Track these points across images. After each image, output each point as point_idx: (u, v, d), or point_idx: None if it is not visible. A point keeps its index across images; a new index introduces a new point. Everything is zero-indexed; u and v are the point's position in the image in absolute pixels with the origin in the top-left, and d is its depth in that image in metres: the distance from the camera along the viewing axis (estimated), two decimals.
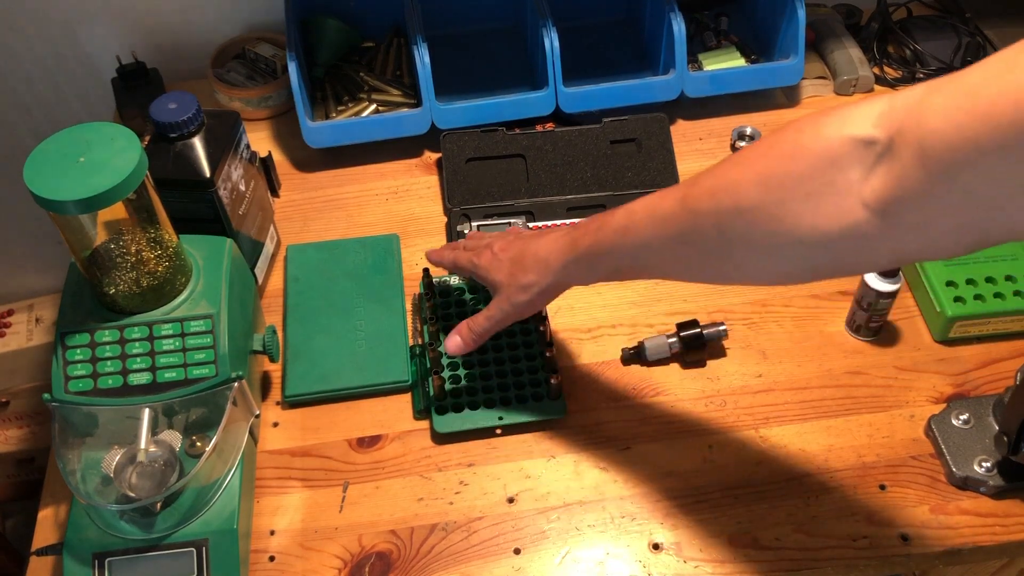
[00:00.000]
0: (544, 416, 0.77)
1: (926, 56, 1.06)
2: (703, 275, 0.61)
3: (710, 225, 0.53)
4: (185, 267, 0.71)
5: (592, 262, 0.64)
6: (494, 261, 0.72)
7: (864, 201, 0.46)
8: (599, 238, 0.62)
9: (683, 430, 0.77)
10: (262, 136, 1.04)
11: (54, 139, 0.63)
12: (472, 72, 1.07)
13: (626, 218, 0.60)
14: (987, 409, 0.75)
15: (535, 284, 0.68)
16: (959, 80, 0.42)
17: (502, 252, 0.71)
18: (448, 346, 0.75)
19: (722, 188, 0.52)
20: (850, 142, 0.46)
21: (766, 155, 0.51)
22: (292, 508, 0.74)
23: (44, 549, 0.70)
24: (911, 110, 0.44)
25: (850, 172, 0.46)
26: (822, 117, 0.49)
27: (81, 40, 1.09)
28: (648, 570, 0.70)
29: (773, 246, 0.51)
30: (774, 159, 0.50)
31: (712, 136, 1.02)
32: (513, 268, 0.70)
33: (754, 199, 0.50)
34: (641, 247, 0.59)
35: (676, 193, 0.56)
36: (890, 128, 0.45)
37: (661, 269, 0.62)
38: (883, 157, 0.45)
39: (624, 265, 0.62)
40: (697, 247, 0.55)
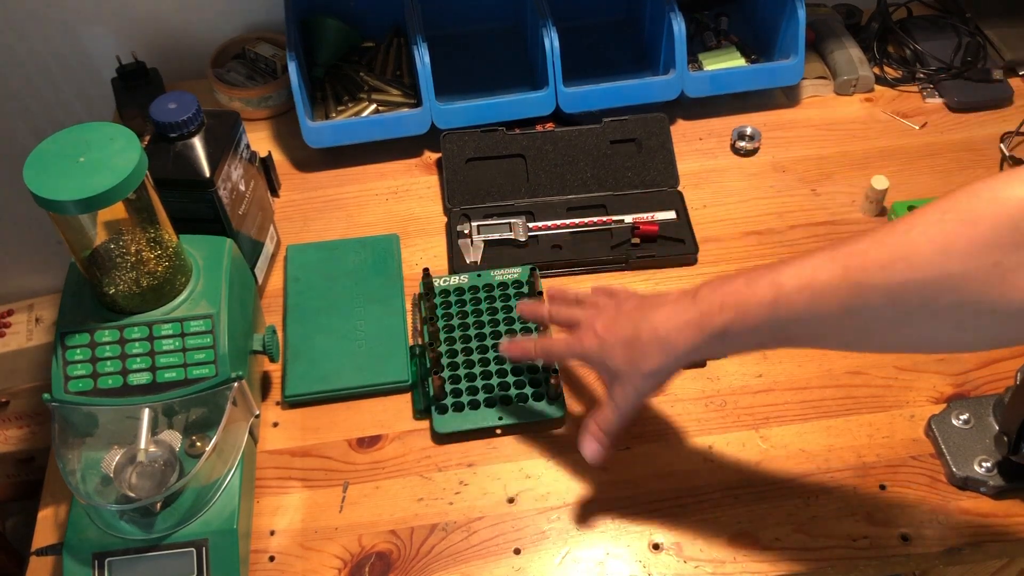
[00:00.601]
0: (544, 416, 0.77)
1: (926, 56, 1.06)
2: (872, 346, 0.57)
3: (880, 298, 0.50)
4: (185, 267, 0.71)
5: (729, 340, 0.58)
6: (604, 346, 0.64)
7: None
8: (740, 315, 0.57)
9: (683, 430, 0.77)
10: (262, 136, 1.04)
11: (54, 139, 0.63)
12: (472, 72, 1.07)
13: (773, 291, 0.55)
14: (987, 409, 0.75)
15: (662, 370, 0.62)
16: None
17: (608, 333, 0.64)
18: (586, 455, 0.67)
19: (894, 258, 0.49)
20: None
21: (942, 221, 0.48)
22: (292, 508, 0.74)
23: (44, 549, 0.70)
24: None
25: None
26: (1000, 179, 0.47)
27: (81, 40, 1.09)
28: (648, 570, 0.70)
29: (960, 317, 0.48)
30: (952, 225, 0.47)
31: (712, 136, 1.02)
32: (630, 353, 0.62)
33: (934, 270, 0.47)
34: (795, 323, 0.54)
35: (833, 264, 0.52)
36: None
37: (820, 342, 0.57)
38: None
39: (770, 339, 0.57)
40: (866, 320, 0.52)
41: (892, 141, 1.01)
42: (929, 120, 1.03)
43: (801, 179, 0.97)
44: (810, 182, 0.97)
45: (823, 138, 1.01)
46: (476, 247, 0.90)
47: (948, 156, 0.99)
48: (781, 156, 1.00)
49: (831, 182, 0.97)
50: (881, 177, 0.90)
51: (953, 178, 0.96)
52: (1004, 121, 1.02)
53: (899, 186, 0.94)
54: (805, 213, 0.94)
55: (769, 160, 0.99)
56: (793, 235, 0.92)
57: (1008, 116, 1.03)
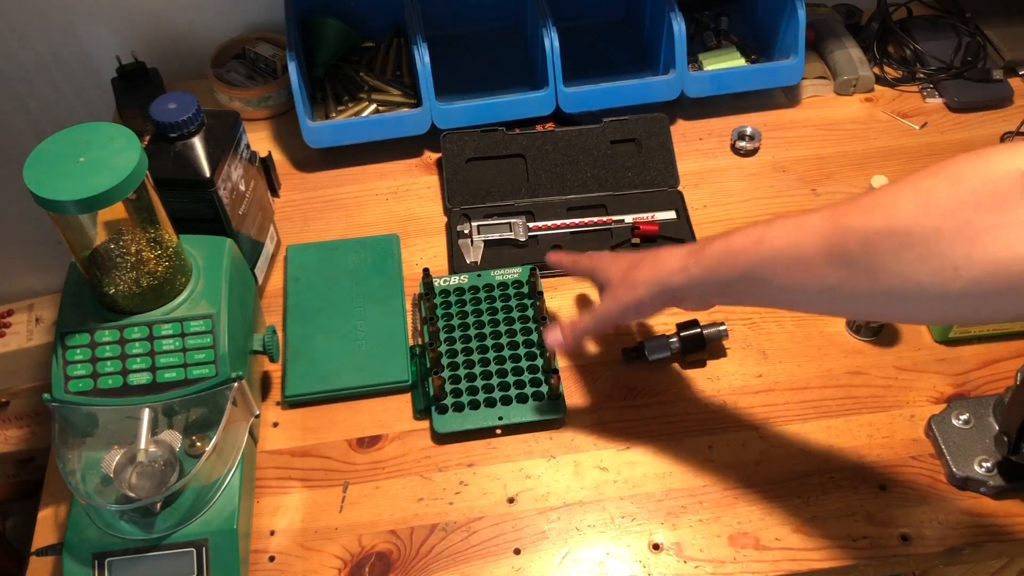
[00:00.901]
0: (544, 416, 0.77)
1: (926, 56, 1.06)
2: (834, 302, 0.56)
3: (857, 242, 0.50)
4: (185, 267, 0.71)
5: (713, 266, 0.60)
6: (614, 261, 0.70)
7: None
8: (728, 243, 0.59)
9: (683, 430, 0.77)
10: (262, 136, 1.04)
11: (54, 139, 0.63)
12: (472, 72, 1.07)
13: (763, 228, 0.57)
14: (987, 409, 0.75)
15: (646, 283, 0.65)
16: None
17: (625, 255, 0.70)
18: (547, 337, 0.73)
19: (875, 205, 0.50)
20: (1018, 175, 0.44)
21: (928, 178, 0.49)
22: (292, 508, 0.74)
23: (44, 549, 0.70)
24: None
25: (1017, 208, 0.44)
26: (990, 149, 0.47)
27: (81, 40, 1.09)
28: (648, 570, 0.70)
29: (922, 273, 0.48)
30: (936, 181, 0.48)
31: (712, 136, 1.02)
32: (629, 267, 0.67)
33: (908, 219, 0.48)
34: (775, 258, 0.55)
35: (824, 211, 0.54)
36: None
37: (791, 290, 0.57)
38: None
39: (748, 275, 0.58)
40: (838, 264, 0.52)
41: (892, 141, 1.01)
42: (929, 120, 1.03)
43: (801, 179, 0.97)
44: (810, 182, 0.97)
45: (823, 138, 1.01)
46: (476, 247, 0.90)
47: (948, 156, 0.97)
48: (781, 156, 1.00)
49: (831, 182, 0.97)
50: (881, 177, 0.90)
51: None
52: (1004, 121, 1.02)
53: None
54: None
55: (769, 160, 0.99)
56: None
57: (1008, 116, 1.03)
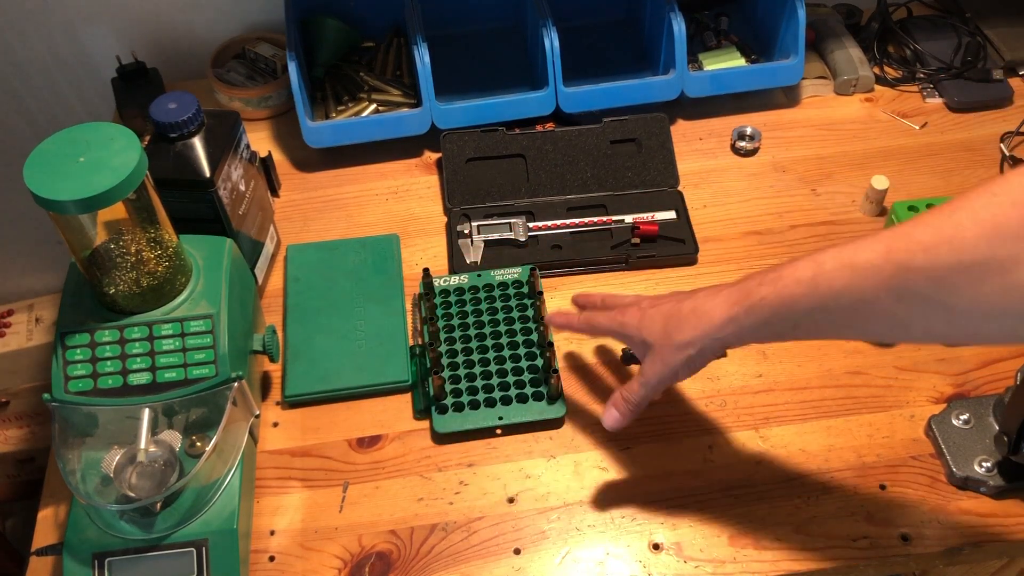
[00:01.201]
0: (544, 416, 0.77)
1: (926, 56, 1.06)
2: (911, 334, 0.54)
3: (925, 280, 0.48)
4: (185, 267, 0.71)
5: (767, 316, 0.57)
6: (644, 319, 0.64)
7: None
8: (778, 289, 0.55)
9: (683, 430, 0.77)
10: (262, 136, 1.04)
11: (54, 139, 0.63)
12: (472, 72, 1.07)
13: (813, 268, 0.54)
14: (987, 409, 0.75)
15: (694, 342, 0.61)
16: None
17: (651, 308, 0.65)
18: (606, 421, 0.69)
19: (940, 240, 0.47)
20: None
21: (991, 203, 0.46)
22: (292, 508, 0.74)
23: (44, 549, 0.70)
24: None
25: None
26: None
27: (81, 40, 1.09)
28: (648, 570, 0.70)
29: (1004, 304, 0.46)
30: (1001, 207, 0.45)
31: (712, 136, 1.02)
32: (668, 324, 0.62)
33: (981, 252, 0.45)
34: (832, 301, 0.53)
35: (877, 244, 0.50)
36: None
37: (855, 327, 0.55)
38: None
39: (807, 321, 0.55)
40: (907, 302, 0.49)
41: (892, 141, 1.01)
42: (929, 120, 1.03)
43: (801, 179, 0.97)
44: (810, 182, 0.97)
45: (823, 138, 1.01)
46: (476, 247, 0.90)
47: (948, 156, 0.99)
48: (781, 156, 1.00)
49: (831, 182, 0.97)
50: (881, 177, 0.90)
51: (953, 178, 0.96)
52: (1004, 121, 1.02)
53: (899, 186, 0.94)
54: (805, 213, 0.94)
55: (769, 160, 0.99)
56: (793, 235, 0.92)
57: (1008, 116, 1.03)
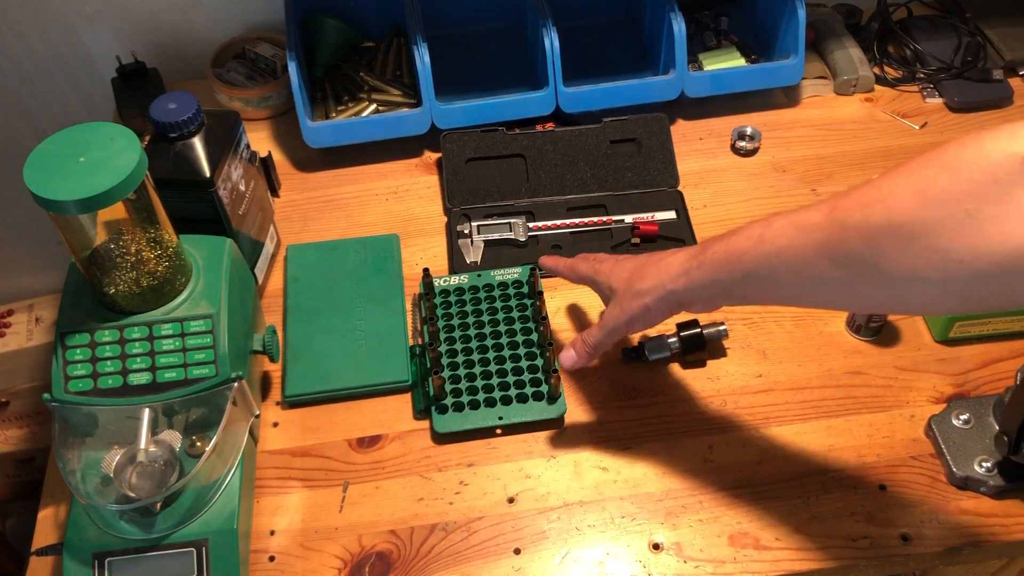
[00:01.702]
0: (544, 416, 0.77)
1: (926, 56, 1.06)
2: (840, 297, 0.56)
3: (858, 238, 0.50)
4: (185, 267, 0.71)
5: (715, 270, 0.60)
6: (615, 268, 0.70)
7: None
8: (728, 244, 0.59)
9: (683, 430, 0.77)
10: (262, 136, 1.04)
11: (54, 139, 0.63)
12: (472, 72, 1.07)
13: (762, 227, 0.57)
14: (987, 409, 0.75)
15: (651, 291, 0.65)
16: None
17: (625, 260, 0.70)
18: (562, 360, 0.73)
19: (874, 200, 0.49)
20: (1018, 159, 0.44)
21: (925, 167, 0.48)
22: (292, 508, 0.74)
23: (44, 549, 0.70)
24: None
25: (1017, 192, 0.44)
26: (988, 133, 0.46)
27: (81, 40, 1.09)
28: (648, 570, 0.70)
29: (927, 267, 0.48)
30: (933, 171, 0.47)
31: (712, 136, 1.02)
32: (632, 274, 0.67)
33: (909, 213, 0.47)
34: (777, 257, 0.55)
35: (823, 205, 0.53)
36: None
37: (796, 287, 0.57)
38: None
39: (752, 280, 0.58)
40: (840, 263, 0.52)
41: (892, 141, 1.01)
42: (929, 120, 1.03)
43: (801, 179, 0.97)
44: (810, 182, 0.97)
45: (823, 138, 1.01)
46: (476, 247, 0.90)
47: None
48: (781, 156, 1.00)
49: (831, 182, 0.97)
50: None
51: None
52: (1004, 121, 1.00)
53: None
54: None
55: (769, 160, 0.99)
56: None
57: (1008, 116, 1.03)
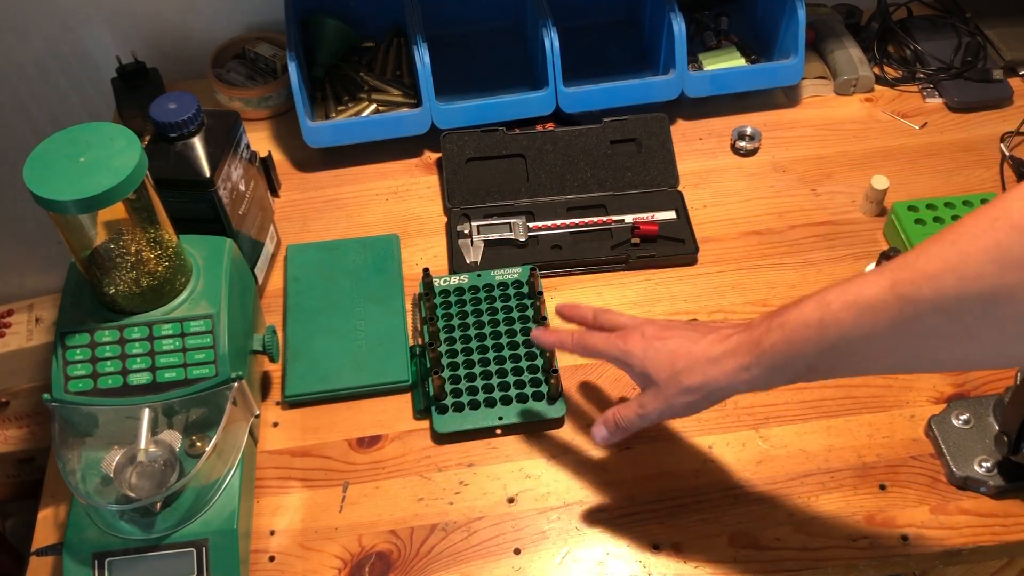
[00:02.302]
0: (544, 416, 0.77)
1: (926, 56, 1.06)
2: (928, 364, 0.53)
3: (933, 312, 0.47)
4: (185, 267, 0.71)
5: (779, 363, 0.56)
6: (649, 350, 0.63)
7: None
8: (787, 334, 0.54)
9: (683, 430, 0.77)
10: (262, 136, 1.04)
11: (54, 139, 0.63)
12: (472, 72, 1.07)
13: (820, 311, 0.53)
14: (987, 409, 0.75)
15: (703, 388, 0.60)
16: None
17: (658, 340, 0.63)
18: (595, 436, 0.68)
19: (944, 270, 0.46)
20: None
21: (993, 228, 0.45)
22: (292, 508, 0.74)
23: (44, 549, 0.70)
24: None
25: None
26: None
27: (81, 40, 1.09)
28: (648, 570, 0.70)
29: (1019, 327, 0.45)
30: (1003, 232, 0.44)
31: (712, 136, 1.02)
32: (676, 364, 0.61)
33: (987, 282, 0.45)
34: (843, 341, 0.52)
35: (881, 279, 0.50)
36: None
37: (870, 363, 0.53)
38: None
39: (820, 363, 0.54)
40: (918, 336, 0.49)
41: (892, 141, 1.01)
42: (929, 120, 1.03)
43: (801, 179, 0.97)
44: (810, 182, 0.97)
45: (823, 138, 1.01)
46: (476, 247, 0.90)
47: (948, 156, 0.99)
48: (781, 156, 1.00)
49: (831, 182, 0.97)
50: (881, 177, 0.90)
51: (953, 178, 0.96)
52: (1004, 121, 1.02)
53: (899, 186, 0.94)
54: (805, 213, 0.94)
55: (769, 160, 0.99)
56: (793, 235, 0.92)
57: (1008, 116, 1.03)
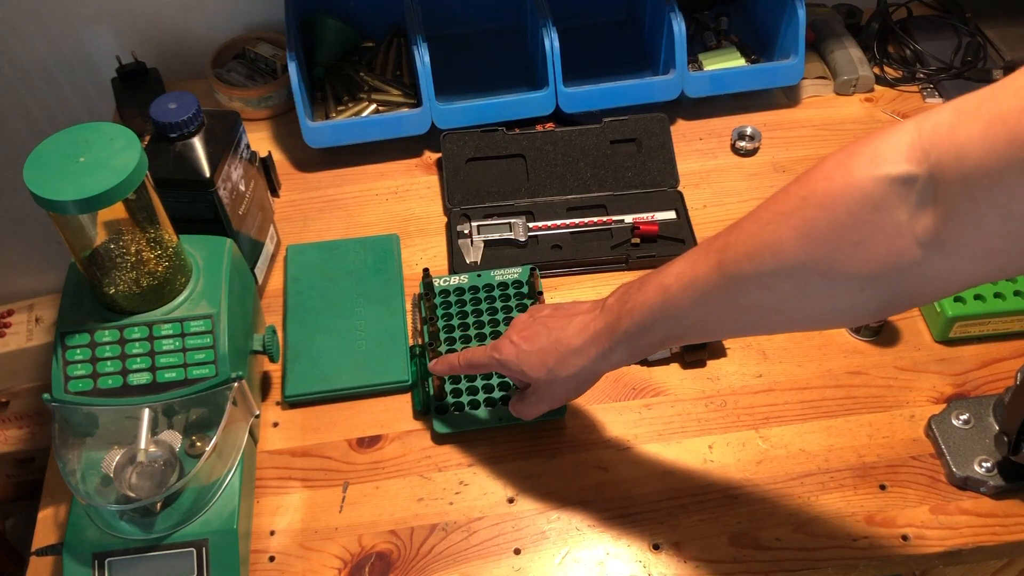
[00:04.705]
0: (544, 416, 0.77)
1: (926, 56, 1.06)
2: (760, 330, 0.59)
3: (755, 287, 0.52)
4: (185, 267, 0.71)
5: (634, 343, 0.61)
6: (520, 354, 0.67)
7: (918, 239, 0.45)
8: (636, 319, 0.60)
9: (683, 430, 0.77)
10: (262, 136, 1.04)
11: (54, 139, 0.63)
12: (472, 72, 1.07)
13: (661, 293, 0.58)
14: (987, 409, 0.75)
15: (576, 376, 0.66)
16: (989, 104, 0.41)
17: (526, 343, 0.67)
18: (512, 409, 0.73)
19: (761, 249, 0.50)
20: (887, 182, 0.45)
21: (801, 207, 0.49)
22: (292, 508, 0.74)
23: (44, 549, 0.70)
24: (944, 140, 0.43)
25: (896, 213, 0.45)
26: (849, 158, 0.47)
27: (81, 40, 1.09)
28: (648, 570, 0.70)
29: (831, 295, 0.49)
30: (810, 211, 0.48)
31: (712, 136, 1.02)
32: (547, 361, 0.66)
33: (799, 256, 0.49)
34: (684, 318, 0.57)
35: (708, 259, 0.54)
36: (924, 161, 0.44)
37: (712, 332, 0.61)
38: (927, 193, 0.44)
39: (669, 335, 0.59)
40: (745, 308, 0.54)
41: None
42: None
43: None
44: None
45: (823, 138, 1.01)
46: (476, 247, 0.90)
47: None
48: (781, 156, 1.00)
49: None
50: None
51: None
52: None
53: None
54: None
55: (769, 160, 0.99)
56: None
57: None
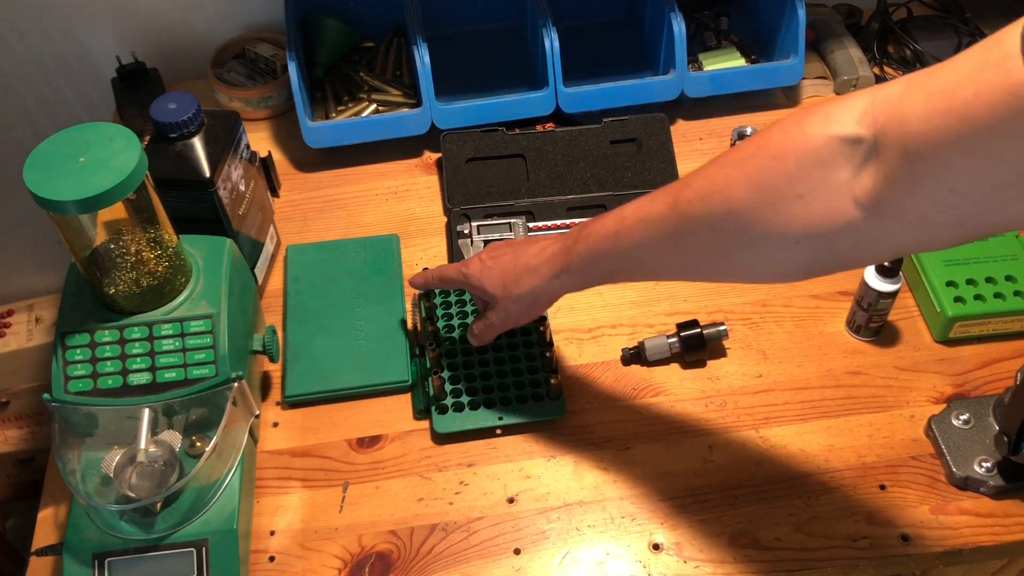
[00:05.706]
0: (544, 416, 0.77)
1: (926, 56, 1.06)
2: (700, 274, 0.62)
3: (703, 227, 0.54)
4: (185, 267, 0.71)
5: (585, 269, 0.64)
6: (484, 270, 0.71)
7: (856, 200, 0.47)
8: (590, 245, 0.62)
9: (683, 430, 0.77)
10: (262, 136, 1.04)
11: (54, 139, 0.63)
12: (472, 72, 1.07)
13: (617, 223, 0.60)
14: (987, 409, 0.75)
15: (529, 295, 0.69)
16: (935, 78, 0.43)
17: (491, 260, 0.71)
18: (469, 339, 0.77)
19: (713, 191, 0.53)
20: (836, 141, 0.47)
21: (755, 156, 0.51)
22: (292, 508, 0.74)
23: (44, 549, 0.70)
24: (892, 108, 0.45)
25: (839, 172, 0.47)
26: (806, 116, 0.49)
27: (81, 40, 1.09)
28: (648, 570, 0.70)
29: (768, 246, 0.52)
30: (763, 160, 0.51)
31: (712, 136, 1.02)
32: (505, 279, 0.70)
33: (746, 201, 0.51)
34: (634, 251, 0.60)
35: (666, 196, 0.57)
36: (873, 126, 0.46)
37: (657, 270, 0.63)
38: (870, 156, 0.46)
39: (619, 268, 0.62)
40: (691, 249, 0.56)
41: None
42: None
43: None
44: None
45: None
46: (476, 247, 0.90)
47: None
48: None
49: None
50: None
51: None
52: None
53: None
54: None
55: None
56: None
57: None
